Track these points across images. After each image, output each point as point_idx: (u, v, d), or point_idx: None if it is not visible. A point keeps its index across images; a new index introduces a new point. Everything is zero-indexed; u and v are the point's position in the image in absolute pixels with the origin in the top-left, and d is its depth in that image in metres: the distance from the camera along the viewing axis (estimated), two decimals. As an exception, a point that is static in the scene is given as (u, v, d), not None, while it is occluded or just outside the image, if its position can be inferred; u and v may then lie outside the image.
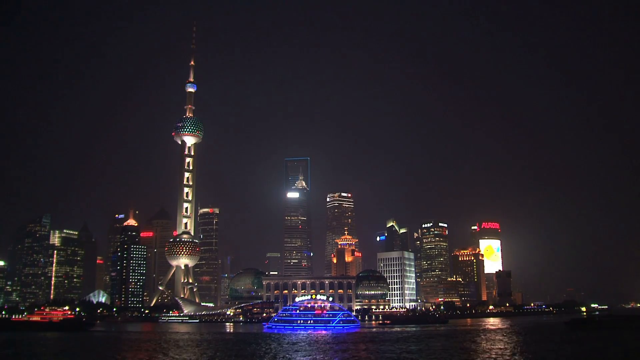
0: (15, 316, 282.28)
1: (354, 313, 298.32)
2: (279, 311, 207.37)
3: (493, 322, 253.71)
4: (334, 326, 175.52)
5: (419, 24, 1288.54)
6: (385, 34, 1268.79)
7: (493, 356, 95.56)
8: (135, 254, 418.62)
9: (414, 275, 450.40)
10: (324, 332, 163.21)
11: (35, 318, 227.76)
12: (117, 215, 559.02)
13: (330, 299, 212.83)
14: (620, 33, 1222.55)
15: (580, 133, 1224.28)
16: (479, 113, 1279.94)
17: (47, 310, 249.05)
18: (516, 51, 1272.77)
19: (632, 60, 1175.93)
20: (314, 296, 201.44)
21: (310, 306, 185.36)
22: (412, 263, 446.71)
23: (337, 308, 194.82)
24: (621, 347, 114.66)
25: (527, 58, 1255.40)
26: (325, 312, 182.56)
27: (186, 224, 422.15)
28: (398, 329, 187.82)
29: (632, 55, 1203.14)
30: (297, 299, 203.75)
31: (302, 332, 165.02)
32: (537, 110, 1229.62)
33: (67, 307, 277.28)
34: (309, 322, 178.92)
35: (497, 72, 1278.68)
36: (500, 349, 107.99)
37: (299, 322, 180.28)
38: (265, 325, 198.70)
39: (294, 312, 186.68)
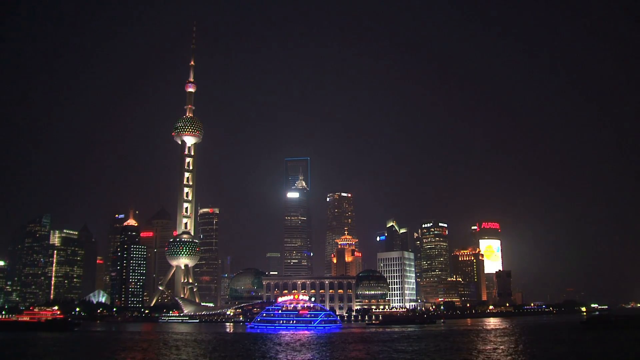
0: (3, 316, 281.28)
1: (354, 313, 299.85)
2: (262, 311, 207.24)
3: (494, 322, 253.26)
4: (316, 326, 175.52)
5: (419, 24, 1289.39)
6: (385, 35, 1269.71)
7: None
8: (135, 254, 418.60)
9: (414, 275, 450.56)
10: (305, 332, 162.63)
11: (25, 318, 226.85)
12: (117, 215, 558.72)
13: (312, 299, 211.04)
14: (621, 33, 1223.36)
15: (581, 133, 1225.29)
16: (479, 113, 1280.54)
17: (36, 310, 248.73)
18: (517, 51, 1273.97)
19: (632, 60, 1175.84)
20: (296, 296, 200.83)
21: (293, 306, 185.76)
22: (412, 263, 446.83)
23: (319, 308, 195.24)
24: None
25: (527, 57, 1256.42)
26: (307, 312, 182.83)
27: (186, 224, 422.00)
28: (375, 330, 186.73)
29: (633, 55, 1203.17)
30: (279, 299, 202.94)
31: (284, 332, 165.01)
32: (537, 110, 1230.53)
33: (56, 307, 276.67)
34: (291, 322, 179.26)
35: (497, 72, 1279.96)
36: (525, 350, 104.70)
37: (281, 322, 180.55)
38: (248, 325, 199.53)
39: (276, 312, 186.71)
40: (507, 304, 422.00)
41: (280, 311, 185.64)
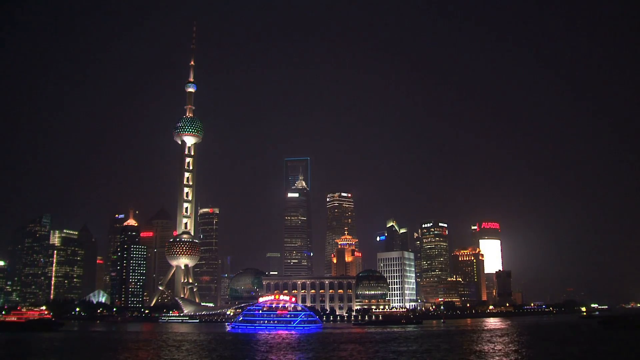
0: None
1: (354, 313, 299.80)
2: (244, 311, 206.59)
3: (494, 323, 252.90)
4: (295, 326, 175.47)
5: (418, 27, 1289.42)
6: (384, 36, 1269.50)
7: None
8: (135, 254, 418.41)
9: (414, 275, 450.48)
10: (284, 332, 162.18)
11: (12, 318, 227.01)
12: (117, 215, 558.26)
13: (294, 298, 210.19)
14: (621, 33, 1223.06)
15: (581, 133, 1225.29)
16: (479, 113, 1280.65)
17: (23, 310, 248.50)
18: (515, 51, 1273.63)
19: (634, 59, 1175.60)
20: (277, 296, 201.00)
21: (274, 306, 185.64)
22: (412, 263, 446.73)
23: (300, 308, 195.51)
24: None
25: (527, 59, 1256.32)
26: (286, 312, 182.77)
27: (186, 224, 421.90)
28: (357, 330, 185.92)
29: (632, 55, 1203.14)
30: (260, 299, 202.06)
31: (263, 332, 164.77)
32: (537, 110, 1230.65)
33: (44, 307, 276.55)
34: (271, 322, 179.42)
35: (497, 73, 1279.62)
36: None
37: (261, 322, 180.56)
38: (229, 325, 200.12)
39: (257, 312, 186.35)
40: (507, 304, 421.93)
41: (260, 311, 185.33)
